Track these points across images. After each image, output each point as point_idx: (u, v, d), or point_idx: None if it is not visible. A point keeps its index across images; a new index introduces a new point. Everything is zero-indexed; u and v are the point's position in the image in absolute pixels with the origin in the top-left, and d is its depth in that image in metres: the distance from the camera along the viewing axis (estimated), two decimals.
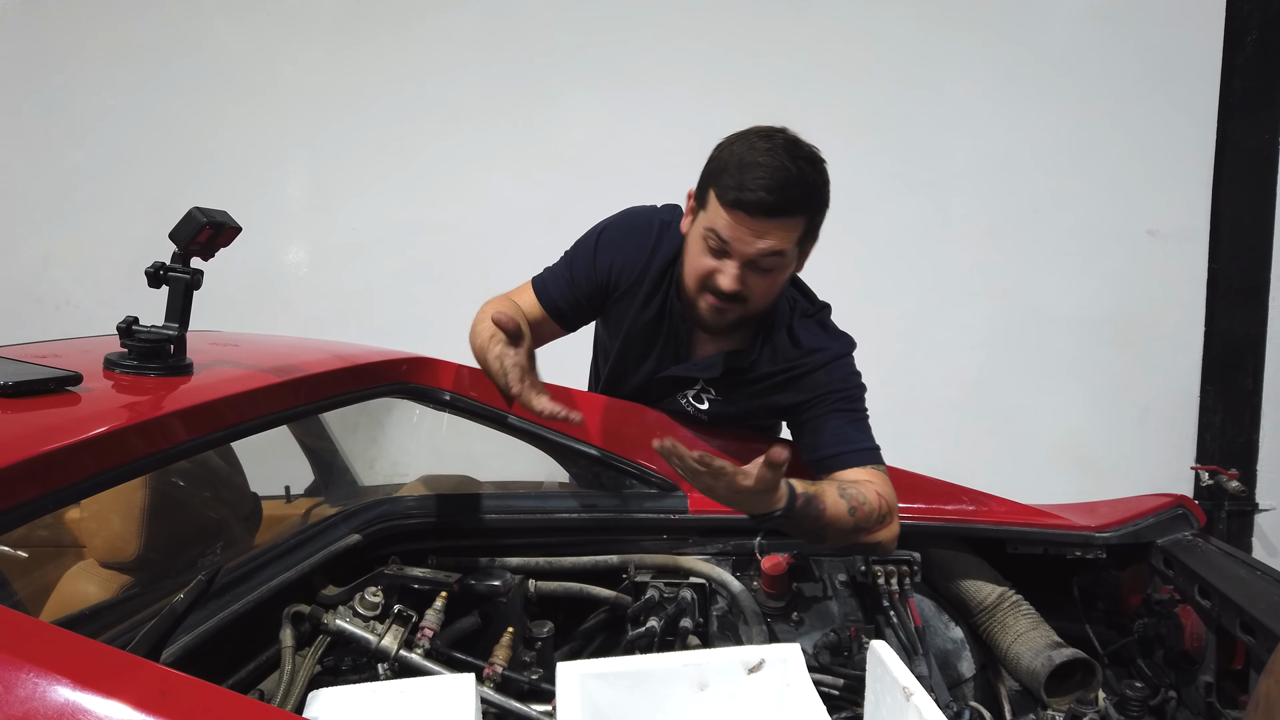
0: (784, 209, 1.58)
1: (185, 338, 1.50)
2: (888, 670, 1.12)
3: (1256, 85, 3.71)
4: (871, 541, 1.65)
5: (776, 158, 1.57)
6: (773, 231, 1.59)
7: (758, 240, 1.59)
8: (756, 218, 1.57)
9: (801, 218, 1.62)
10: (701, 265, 1.67)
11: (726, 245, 1.61)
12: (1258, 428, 3.87)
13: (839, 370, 1.83)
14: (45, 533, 1.80)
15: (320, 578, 1.60)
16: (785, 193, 1.56)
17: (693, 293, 1.72)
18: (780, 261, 1.64)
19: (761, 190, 1.55)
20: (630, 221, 1.93)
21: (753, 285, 1.66)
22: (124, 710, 0.73)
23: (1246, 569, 1.69)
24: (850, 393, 1.83)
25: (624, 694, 1.14)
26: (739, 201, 1.56)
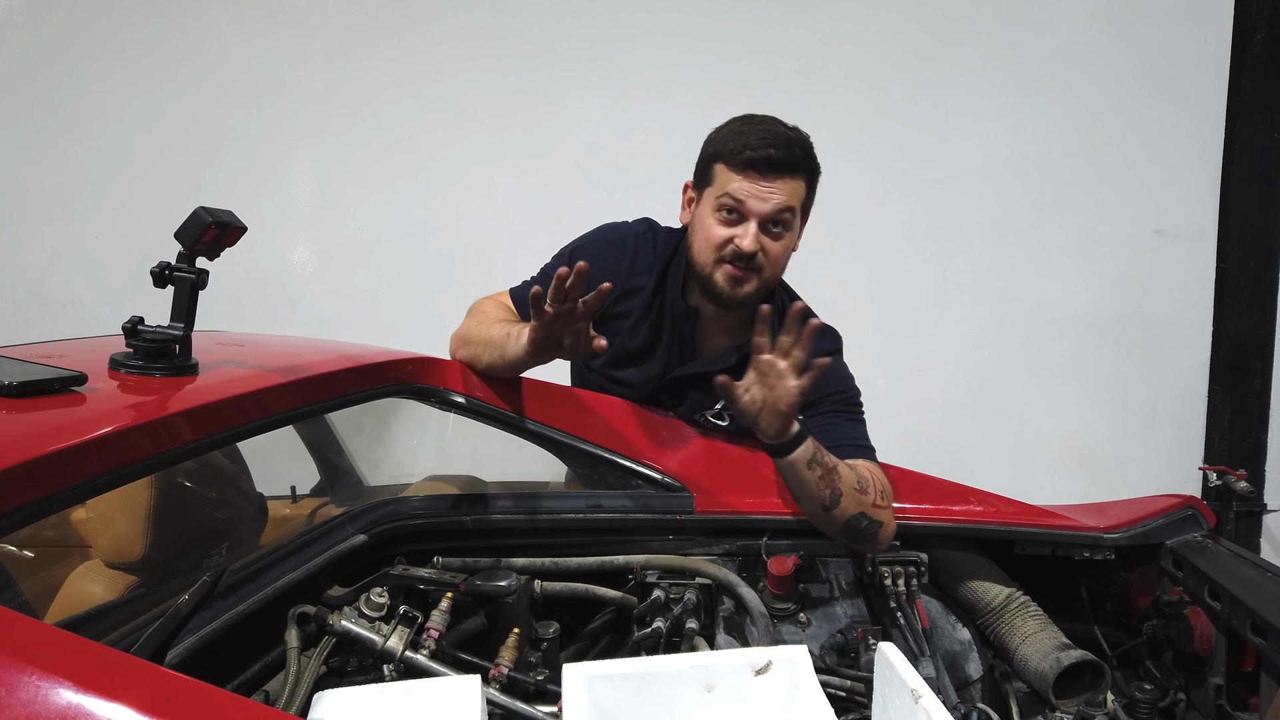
0: (790, 165, 1.72)
1: (190, 338, 1.50)
2: (896, 672, 1.11)
3: (1265, 84, 3.68)
4: (875, 518, 1.69)
5: (773, 125, 1.75)
6: (782, 188, 1.72)
7: (772, 197, 1.72)
8: (767, 174, 1.71)
9: (803, 178, 1.77)
10: (717, 235, 1.76)
11: (741, 205, 1.73)
12: (1266, 428, 3.85)
13: (835, 370, 1.87)
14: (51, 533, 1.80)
15: (326, 578, 1.60)
16: (790, 150, 1.71)
17: (709, 267, 1.79)
18: (790, 221, 1.77)
19: (769, 148, 1.69)
20: (603, 240, 1.99)
21: (767, 248, 1.76)
22: (128, 714, 0.72)
23: (1257, 570, 1.68)
24: (847, 395, 1.89)
25: (630, 695, 1.13)
26: (750, 160, 1.70)
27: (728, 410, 1.93)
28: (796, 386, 1.57)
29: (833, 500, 1.65)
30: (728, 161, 1.73)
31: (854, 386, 1.91)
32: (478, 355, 1.90)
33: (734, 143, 1.72)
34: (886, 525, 1.71)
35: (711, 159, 1.77)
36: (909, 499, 1.88)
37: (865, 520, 1.68)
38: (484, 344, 1.87)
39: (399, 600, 1.55)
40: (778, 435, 1.61)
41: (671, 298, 1.91)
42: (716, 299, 1.82)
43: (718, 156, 1.75)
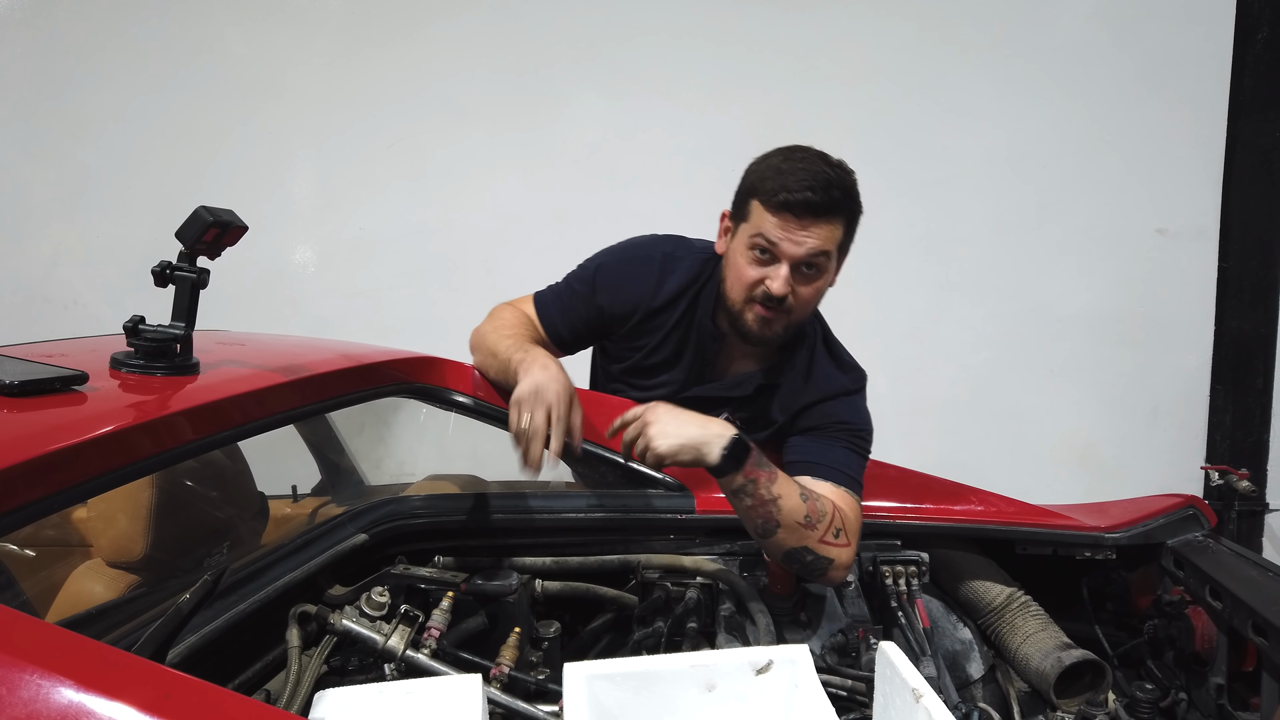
0: (827, 209, 1.65)
1: (191, 337, 1.50)
2: (897, 672, 1.11)
3: (1267, 83, 3.68)
4: (822, 553, 1.61)
5: (814, 164, 1.66)
6: (818, 232, 1.66)
7: (805, 240, 1.65)
8: (803, 218, 1.64)
9: (841, 220, 1.69)
10: (749, 275, 1.72)
11: (774, 247, 1.67)
12: (1268, 427, 3.85)
13: (848, 405, 1.85)
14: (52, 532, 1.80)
15: (327, 578, 1.60)
16: (829, 193, 1.64)
17: (739, 305, 1.76)
18: (825, 263, 1.71)
19: (806, 190, 1.62)
20: (629, 256, 1.96)
21: (800, 290, 1.71)
22: (129, 713, 0.72)
23: (1258, 570, 1.68)
24: (854, 427, 1.82)
25: (631, 695, 1.13)
26: (786, 203, 1.63)
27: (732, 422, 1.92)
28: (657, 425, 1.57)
29: (765, 530, 1.60)
30: (764, 200, 1.67)
31: (864, 424, 1.84)
32: (484, 364, 1.92)
33: (772, 181, 1.66)
34: (838, 561, 1.63)
35: (748, 194, 1.72)
36: (910, 499, 1.88)
37: (810, 554, 1.61)
38: (489, 355, 1.87)
39: (400, 599, 1.54)
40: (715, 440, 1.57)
41: (700, 319, 1.89)
42: (744, 336, 1.80)
43: (754, 193, 1.70)
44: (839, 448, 1.77)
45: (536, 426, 1.58)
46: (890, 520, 1.85)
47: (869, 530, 1.83)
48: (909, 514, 1.85)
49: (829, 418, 1.80)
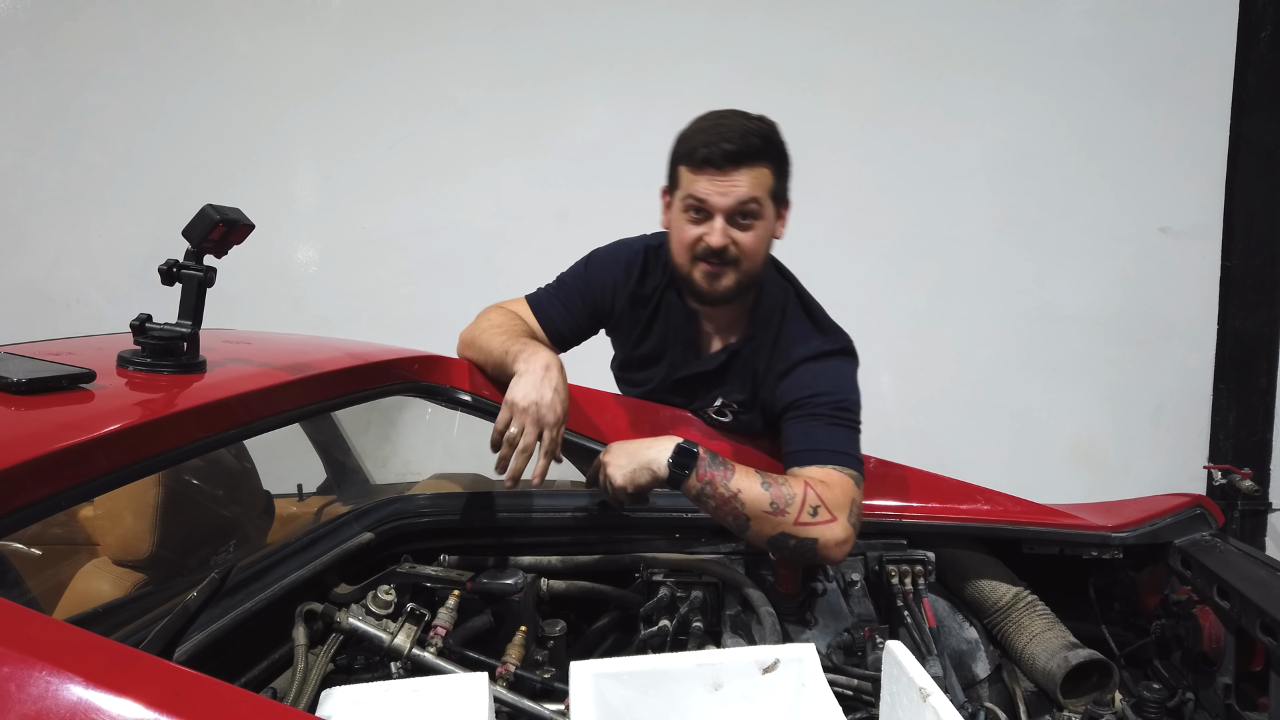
0: (748, 155, 1.70)
1: (198, 335, 1.50)
2: (904, 671, 1.11)
3: (1270, 81, 3.67)
4: (803, 535, 1.58)
5: (730, 119, 1.73)
6: (743, 180, 1.70)
7: (732, 190, 1.71)
8: (724, 168, 1.69)
9: (766, 166, 1.73)
10: (688, 235, 1.77)
11: (704, 203, 1.72)
12: (1271, 427, 3.85)
13: (827, 371, 1.81)
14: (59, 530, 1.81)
15: (333, 576, 1.60)
16: (747, 140, 1.69)
17: (686, 268, 1.80)
18: (758, 210, 1.74)
19: (723, 142, 1.68)
20: (616, 247, 2.02)
21: (738, 240, 1.75)
22: (137, 709, 0.72)
23: (1266, 569, 1.68)
24: (837, 399, 1.77)
25: (637, 694, 1.13)
26: (707, 158, 1.69)
27: (728, 407, 1.93)
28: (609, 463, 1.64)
29: (739, 525, 1.61)
30: (686, 162, 1.74)
31: (844, 392, 1.79)
32: (479, 363, 1.93)
33: (690, 141, 1.73)
34: (823, 539, 1.59)
35: (675, 162, 1.79)
36: (915, 498, 1.88)
37: (791, 539, 1.59)
38: (484, 354, 1.89)
39: (406, 598, 1.55)
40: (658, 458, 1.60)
41: (673, 300, 1.94)
42: (699, 297, 1.83)
43: (678, 159, 1.77)
44: (821, 427, 1.74)
45: (527, 444, 1.60)
46: (896, 519, 1.85)
47: (875, 529, 1.83)
48: (915, 513, 1.85)
49: (807, 390, 1.77)
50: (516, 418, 1.61)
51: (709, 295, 1.80)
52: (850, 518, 1.61)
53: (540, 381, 1.64)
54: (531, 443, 1.61)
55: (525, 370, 1.67)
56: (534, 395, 1.62)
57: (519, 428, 1.60)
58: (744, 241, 1.75)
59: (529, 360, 1.69)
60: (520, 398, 1.62)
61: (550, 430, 1.61)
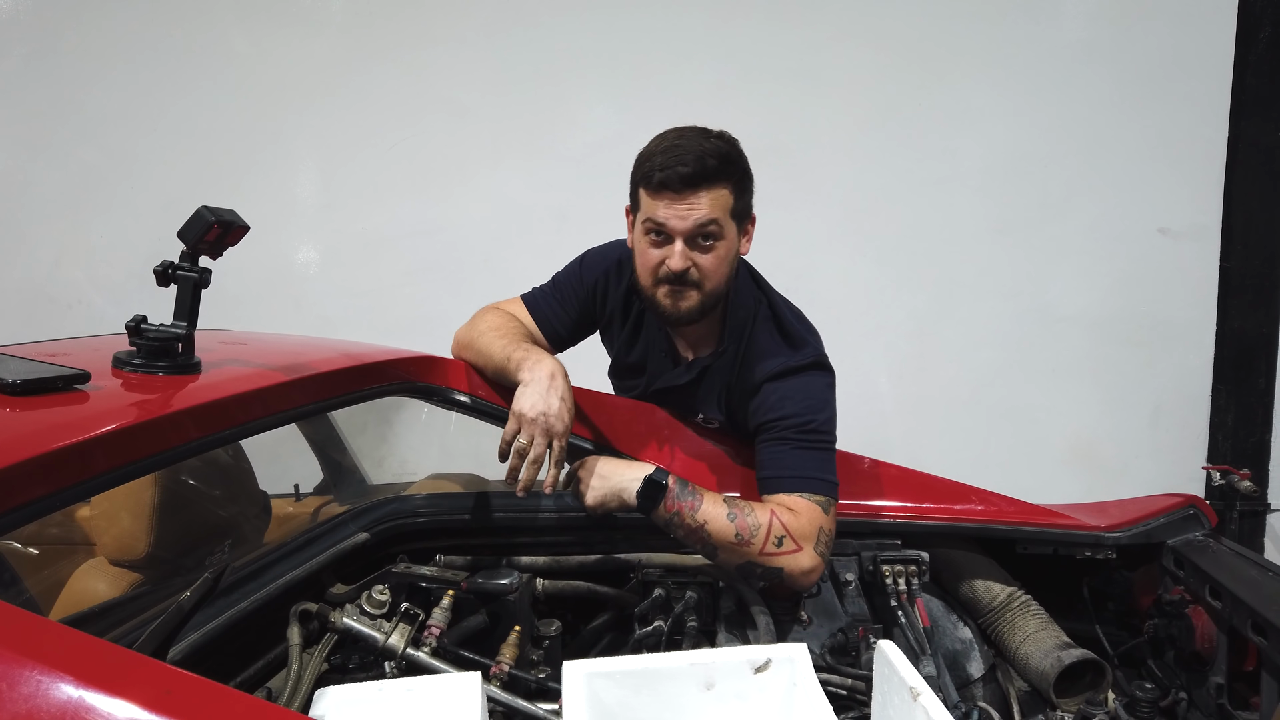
0: (705, 177, 1.67)
1: (193, 336, 1.50)
2: (895, 670, 1.11)
3: (1269, 82, 3.67)
4: (770, 565, 1.63)
5: (688, 140, 1.70)
6: (701, 202, 1.68)
7: (690, 213, 1.68)
8: (682, 192, 1.67)
9: (725, 186, 1.70)
10: (650, 258, 1.75)
11: (664, 226, 1.70)
12: (1270, 427, 3.85)
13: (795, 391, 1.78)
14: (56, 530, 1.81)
15: (328, 576, 1.61)
16: (703, 163, 1.66)
17: (650, 290, 1.79)
18: (718, 231, 1.71)
19: (679, 165, 1.66)
20: (609, 251, 2.02)
21: (700, 263, 1.72)
22: (128, 708, 0.73)
23: (1258, 570, 1.68)
24: (802, 421, 1.75)
25: (630, 693, 1.14)
26: (663, 182, 1.67)
27: (714, 417, 1.94)
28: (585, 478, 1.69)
29: (707, 552, 1.66)
30: (645, 185, 1.72)
31: (811, 411, 1.77)
32: (478, 366, 1.93)
33: (648, 165, 1.70)
34: (789, 569, 1.63)
35: (634, 184, 1.77)
36: (910, 498, 1.88)
37: (758, 568, 1.63)
38: (484, 358, 1.89)
39: (401, 598, 1.55)
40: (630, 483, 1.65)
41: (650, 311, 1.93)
42: (663, 318, 1.81)
43: (637, 181, 1.75)
44: (788, 451, 1.74)
45: (537, 455, 1.62)
46: (891, 519, 1.85)
47: (870, 530, 1.84)
48: (909, 513, 1.85)
49: (774, 412, 1.77)
50: (525, 429, 1.62)
51: (673, 316, 1.79)
52: (817, 546, 1.64)
53: (547, 391, 1.64)
54: (541, 453, 1.62)
55: (530, 380, 1.67)
56: (541, 405, 1.62)
57: (528, 438, 1.61)
58: (705, 263, 1.72)
59: (533, 369, 1.69)
60: (528, 408, 1.63)
61: (559, 440, 1.62)
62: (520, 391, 1.66)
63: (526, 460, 1.61)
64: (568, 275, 2.02)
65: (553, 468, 1.65)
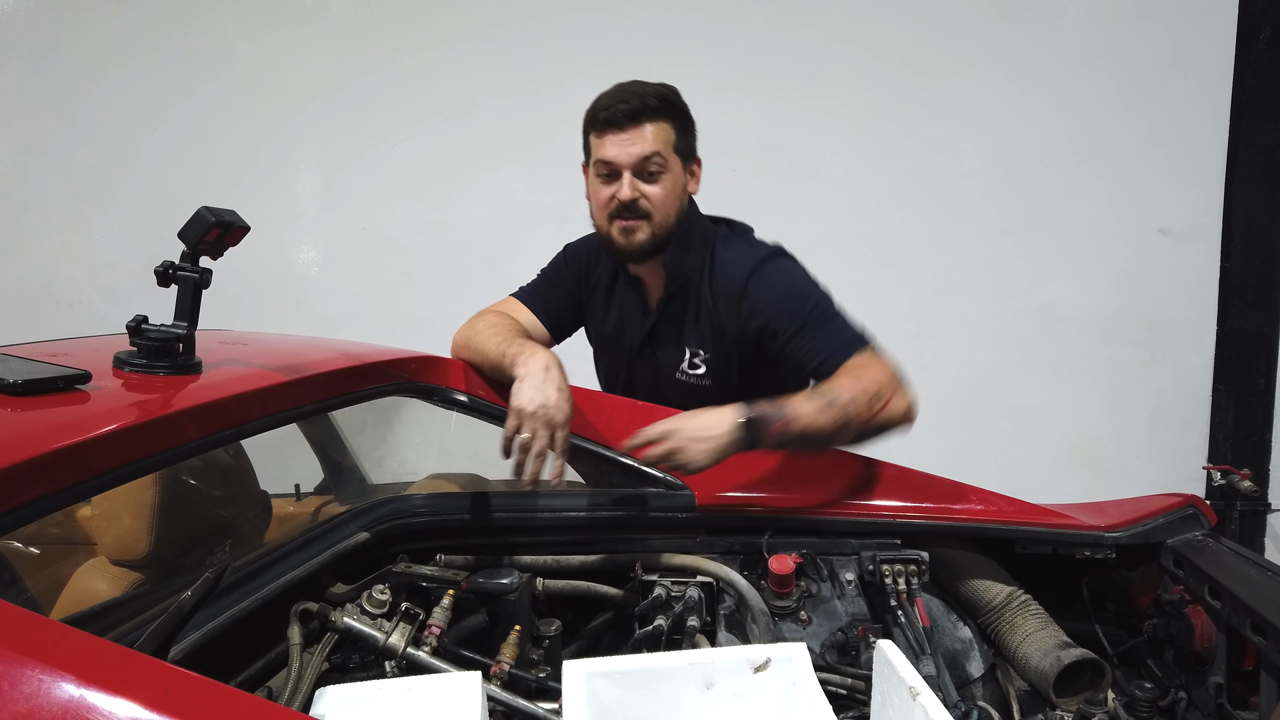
0: (645, 113, 1.83)
1: (194, 336, 1.51)
2: (894, 670, 1.11)
3: (1269, 82, 3.68)
4: (884, 422, 1.72)
5: (629, 85, 1.89)
6: (642, 135, 1.83)
7: (632, 146, 1.83)
8: (624, 126, 1.83)
9: (666, 122, 1.87)
10: (602, 195, 1.89)
11: (612, 163, 1.85)
12: (1270, 427, 3.85)
13: (771, 278, 1.89)
14: (57, 530, 1.81)
15: (329, 576, 1.61)
16: (643, 100, 1.84)
17: (605, 229, 1.91)
18: (663, 164, 1.86)
19: (619, 103, 1.84)
20: (583, 242, 2.15)
21: (647, 193, 1.86)
22: (128, 707, 0.73)
23: (1257, 569, 1.68)
24: (800, 302, 1.86)
25: (630, 692, 1.14)
26: (607, 120, 1.84)
27: (696, 356, 2.00)
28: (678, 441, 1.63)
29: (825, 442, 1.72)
30: (592, 127, 1.88)
31: (807, 287, 1.89)
32: (476, 365, 1.96)
33: (592, 110, 1.88)
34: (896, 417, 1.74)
35: (585, 134, 1.93)
36: (909, 498, 1.88)
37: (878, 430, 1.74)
38: (480, 356, 1.93)
39: (401, 597, 1.55)
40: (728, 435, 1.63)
41: (622, 274, 2.05)
42: (619, 254, 1.93)
43: (587, 129, 1.91)
44: (817, 333, 1.83)
45: (540, 448, 1.63)
46: (890, 519, 1.85)
47: (869, 529, 1.84)
48: (909, 513, 1.85)
49: (780, 311, 1.85)
50: (526, 423, 1.64)
51: (626, 251, 1.90)
52: (900, 382, 1.76)
53: (543, 383, 1.66)
54: (544, 446, 1.64)
55: (526, 374, 1.69)
56: (539, 398, 1.64)
57: (530, 432, 1.63)
58: (653, 194, 1.85)
59: (527, 363, 1.70)
60: (526, 402, 1.64)
61: (561, 430, 1.65)
62: (516, 387, 1.68)
63: (530, 454, 1.63)
64: (554, 267, 2.13)
65: (558, 458, 1.67)
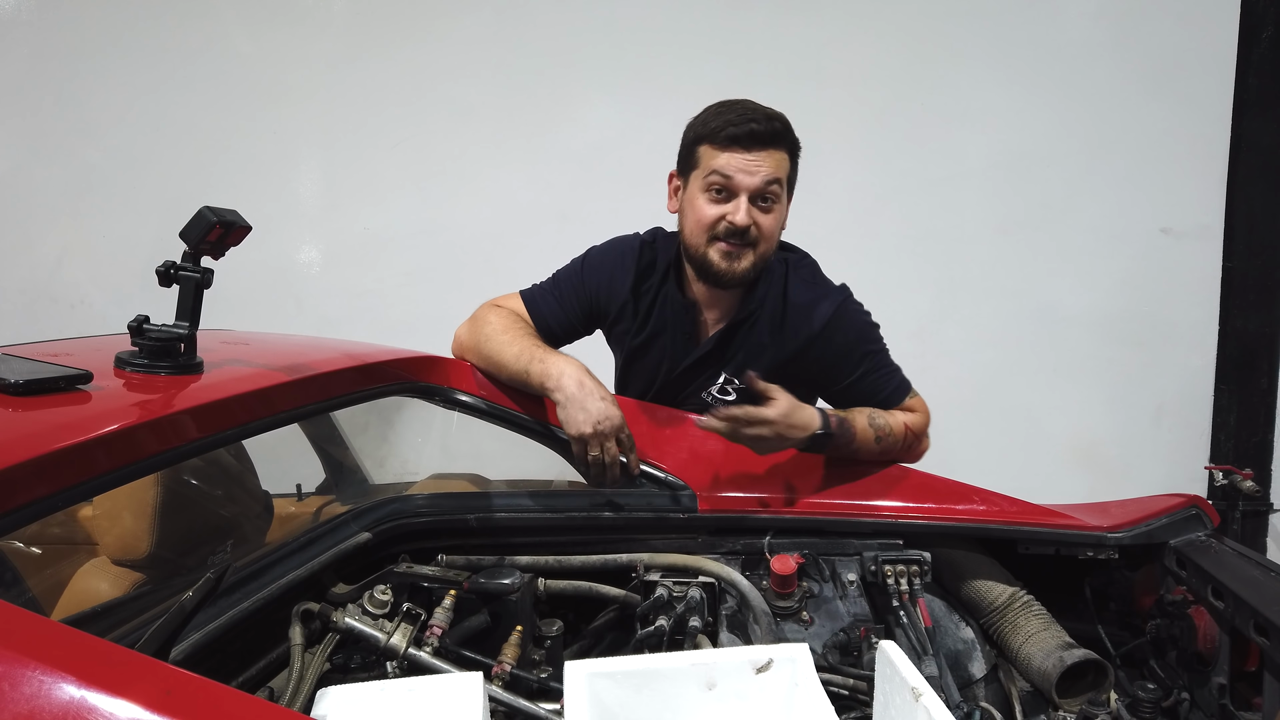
0: (773, 137, 1.77)
1: (196, 336, 1.51)
2: (897, 670, 1.11)
3: (1271, 82, 3.68)
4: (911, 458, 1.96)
5: (749, 103, 1.81)
6: (768, 161, 1.77)
7: (759, 170, 1.76)
8: (752, 148, 1.76)
9: (785, 151, 1.81)
10: (709, 214, 1.80)
11: (730, 180, 1.77)
12: (1272, 427, 3.85)
13: (843, 320, 1.92)
14: (58, 530, 1.81)
15: (330, 576, 1.61)
16: (771, 123, 1.77)
17: (702, 247, 1.84)
18: (779, 193, 1.81)
19: (750, 122, 1.75)
20: (613, 246, 2.05)
21: (759, 221, 1.80)
22: (129, 708, 0.73)
23: (1260, 570, 1.68)
24: (864, 346, 1.95)
25: (632, 693, 1.14)
26: (734, 136, 1.75)
27: (730, 385, 1.98)
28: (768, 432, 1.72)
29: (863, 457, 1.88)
30: (712, 140, 1.77)
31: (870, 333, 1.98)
32: (489, 371, 1.94)
33: (716, 121, 1.77)
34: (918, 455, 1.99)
35: (695, 142, 1.82)
36: (912, 498, 1.88)
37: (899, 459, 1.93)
38: (496, 365, 1.90)
39: (403, 598, 1.55)
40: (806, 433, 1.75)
41: (670, 293, 1.96)
42: (714, 278, 1.86)
43: (701, 139, 1.80)
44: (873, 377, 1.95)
45: (613, 458, 1.70)
46: (893, 520, 1.85)
47: (871, 530, 1.84)
48: (911, 513, 1.85)
49: (848, 359, 1.93)
50: (592, 444, 1.70)
51: (725, 277, 1.84)
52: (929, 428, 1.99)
53: (585, 400, 1.70)
54: (615, 454, 1.71)
55: (565, 399, 1.72)
56: (593, 416, 1.69)
57: (599, 449, 1.69)
58: (764, 223, 1.80)
59: (560, 384, 1.73)
60: (583, 424, 1.69)
61: (623, 433, 1.71)
62: (564, 414, 1.72)
63: (607, 464, 1.70)
64: (569, 274, 2.03)
65: (629, 455, 1.75)
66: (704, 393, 2.02)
